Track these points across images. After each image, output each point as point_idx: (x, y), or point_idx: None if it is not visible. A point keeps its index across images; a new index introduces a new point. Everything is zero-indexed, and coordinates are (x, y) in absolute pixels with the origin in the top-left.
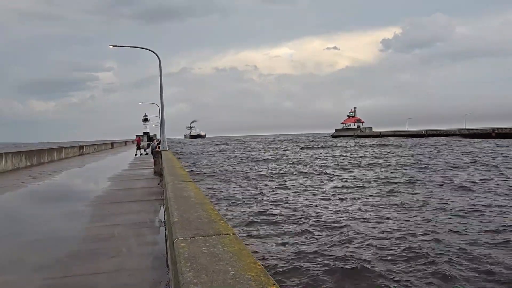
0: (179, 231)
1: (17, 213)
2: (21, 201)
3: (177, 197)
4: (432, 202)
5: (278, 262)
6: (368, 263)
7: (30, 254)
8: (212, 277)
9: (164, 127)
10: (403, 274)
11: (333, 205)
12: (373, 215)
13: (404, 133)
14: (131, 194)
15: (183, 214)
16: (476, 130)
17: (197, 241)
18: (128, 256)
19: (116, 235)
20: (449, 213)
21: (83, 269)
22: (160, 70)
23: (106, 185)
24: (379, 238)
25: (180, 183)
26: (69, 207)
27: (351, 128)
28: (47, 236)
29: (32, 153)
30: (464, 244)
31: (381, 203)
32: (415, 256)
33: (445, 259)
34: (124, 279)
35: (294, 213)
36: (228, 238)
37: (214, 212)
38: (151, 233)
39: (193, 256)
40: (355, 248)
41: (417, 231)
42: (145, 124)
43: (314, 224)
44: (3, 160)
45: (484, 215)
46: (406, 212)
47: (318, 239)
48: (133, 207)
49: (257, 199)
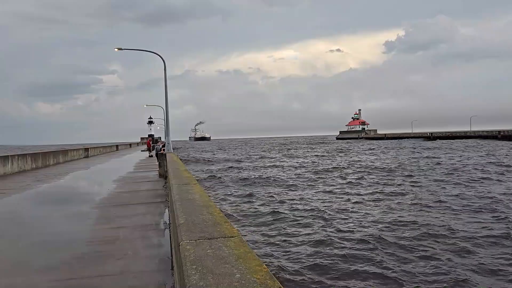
0: (184, 233)
1: (23, 215)
2: (27, 203)
3: (182, 200)
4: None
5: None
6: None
7: (36, 256)
8: (218, 280)
9: (169, 129)
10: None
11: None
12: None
13: (410, 135)
14: (136, 196)
15: (188, 217)
16: (482, 132)
17: (203, 244)
18: (133, 258)
19: (122, 237)
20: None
21: (89, 271)
22: (165, 72)
23: (111, 187)
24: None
25: (185, 186)
26: (75, 209)
27: (356, 130)
28: (53, 238)
29: (38, 155)
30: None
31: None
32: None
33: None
34: (130, 282)
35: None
36: (234, 241)
37: (219, 214)
38: (156, 235)
39: (198, 259)
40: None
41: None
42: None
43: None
44: (9, 163)
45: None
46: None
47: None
48: (139, 209)
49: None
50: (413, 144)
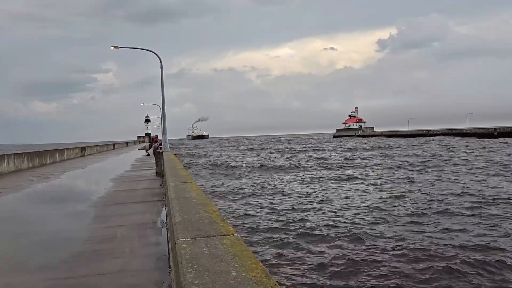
0: (180, 232)
1: (20, 215)
2: (24, 203)
3: (179, 198)
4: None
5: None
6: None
7: (34, 255)
8: (214, 278)
9: (166, 128)
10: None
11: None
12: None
13: (407, 133)
14: (134, 195)
15: (185, 215)
16: (478, 129)
17: (199, 242)
18: (131, 256)
19: (119, 236)
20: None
21: (87, 270)
22: (162, 71)
23: (108, 186)
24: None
25: (181, 184)
26: (72, 208)
27: (353, 128)
28: (51, 237)
29: (34, 154)
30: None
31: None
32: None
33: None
34: (128, 280)
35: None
36: (230, 239)
37: (216, 212)
38: (153, 234)
39: (194, 257)
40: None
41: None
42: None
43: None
44: (5, 162)
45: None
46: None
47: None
48: (136, 208)
49: None
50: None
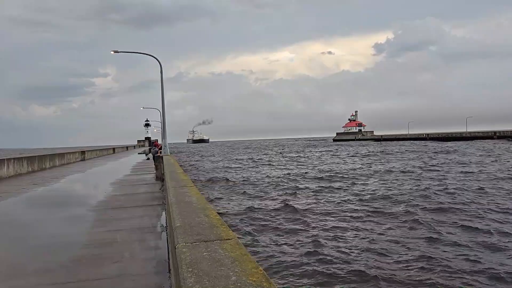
0: (180, 236)
1: (20, 219)
2: (24, 207)
3: (179, 202)
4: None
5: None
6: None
7: (33, 259)
8: (214, 282)
9: (166, 132)
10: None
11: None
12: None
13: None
14: (133, 199)
15: (185, 219)
16: (478, 133)
17: (199, 246)
18: (131, 261)
19: (119, 240)
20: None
21: (87, 274)
22: (162, 75)
23: (108, 191)
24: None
25: (181, 188)
26: (72, 212)
27: (352, 132)
28: (51, 242)
29: (34, 158)
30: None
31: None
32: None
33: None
34: (127, 284)
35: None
36: (230, 243)
37: (216, 217)
38: (153, 238)
39: (194, 262)
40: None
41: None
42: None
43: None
44: (5, 166)
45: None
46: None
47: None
48: (136, 212)
49: None
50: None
